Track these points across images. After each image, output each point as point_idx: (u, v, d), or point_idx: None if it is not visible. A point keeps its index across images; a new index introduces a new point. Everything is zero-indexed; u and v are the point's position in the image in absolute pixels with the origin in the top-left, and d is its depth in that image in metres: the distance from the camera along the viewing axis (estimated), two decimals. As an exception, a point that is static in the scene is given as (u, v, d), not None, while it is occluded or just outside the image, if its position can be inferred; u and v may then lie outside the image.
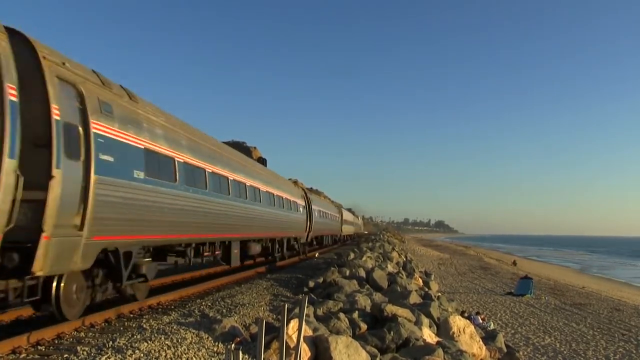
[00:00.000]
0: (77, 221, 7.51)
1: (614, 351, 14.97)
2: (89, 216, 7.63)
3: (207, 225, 12.91)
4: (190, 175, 11.68)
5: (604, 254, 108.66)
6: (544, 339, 16.05)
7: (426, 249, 75.67)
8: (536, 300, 24.57)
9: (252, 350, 6.63)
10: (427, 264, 43.36)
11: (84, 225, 7.59)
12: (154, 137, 10.17)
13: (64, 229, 7.18)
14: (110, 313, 9.14)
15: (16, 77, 6.61)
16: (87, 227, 7.65)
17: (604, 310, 22.72)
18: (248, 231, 16.90)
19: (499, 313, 20.39)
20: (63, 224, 7.14)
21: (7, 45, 6.65)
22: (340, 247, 46.87)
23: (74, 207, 7.42)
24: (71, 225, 7.41)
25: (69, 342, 7.34)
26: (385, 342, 8.43)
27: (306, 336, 7.05)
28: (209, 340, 7.36)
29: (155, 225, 10.01)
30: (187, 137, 12.22)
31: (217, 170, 13.77)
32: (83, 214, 7.57)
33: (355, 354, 7.13)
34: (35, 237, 6.72)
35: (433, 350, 8.09)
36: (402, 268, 22.93)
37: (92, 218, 7.73)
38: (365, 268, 17.29)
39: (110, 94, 8.88)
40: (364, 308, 10.57)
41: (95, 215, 7.79)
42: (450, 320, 10.74)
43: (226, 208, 14.29)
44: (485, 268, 44.62)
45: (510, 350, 12.30)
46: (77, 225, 7.52)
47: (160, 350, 6.55)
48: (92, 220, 7.73)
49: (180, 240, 11.67)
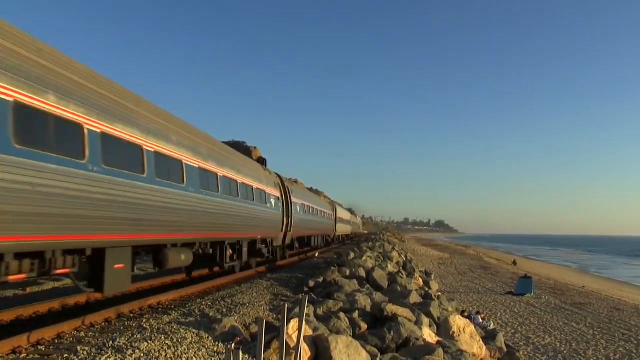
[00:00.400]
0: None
1: (614, 351, 14.96)
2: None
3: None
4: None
5: (603, 254, 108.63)
6: (544, 339, 16.03)
7: (426, 249, 75.65)
8: (536, 300, 24.56)
9: (252, 350, 6.63)
10: (427, 264, 43.34)
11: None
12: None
13: None
14: (111, 312, 9.14)
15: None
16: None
17: (604, 310, 22.71)
18: (155, 231, 10.31)
19: (499, 313, 20.37)
20: None
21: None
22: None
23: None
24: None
25: (69, 341, 7.34)
26: (385, 342, 8.43)
27: (306, 336, 7.04)
28: (209, 340, 7.36)
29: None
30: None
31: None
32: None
33: (356, 354, 7.12)
34: None
35: (433, 350, 8.08)
36: (402, 268, 22.92)
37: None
38: (365, 268, 17.28)
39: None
40: (364, 308, 10.56)
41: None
42: (451, 320, 10.73)
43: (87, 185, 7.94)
44: (485, 268, 44.59)
45: (511, 350, 12.29)
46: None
47: (160, 350, 6.55)
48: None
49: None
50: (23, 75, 6.81)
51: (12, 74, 6.61)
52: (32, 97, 6.89)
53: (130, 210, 9.12)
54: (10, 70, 6.61)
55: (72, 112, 7.68)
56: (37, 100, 6.98)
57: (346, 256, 22.54)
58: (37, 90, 6.99)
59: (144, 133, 9.92)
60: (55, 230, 7.26)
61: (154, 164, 10.11)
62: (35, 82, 7.00)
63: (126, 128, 9.21)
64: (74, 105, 7.74)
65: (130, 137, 9.33)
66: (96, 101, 8.42)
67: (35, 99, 6.95)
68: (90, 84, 8.50)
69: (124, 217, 8.92)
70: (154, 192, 10.00)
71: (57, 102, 7.36)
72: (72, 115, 7.69)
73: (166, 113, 11.94)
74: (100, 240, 8.37)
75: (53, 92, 7.32)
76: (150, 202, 9.85)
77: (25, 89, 6.78)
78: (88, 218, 7.91)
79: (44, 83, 7.19)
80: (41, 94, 7.06)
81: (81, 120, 7.87)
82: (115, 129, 8.83)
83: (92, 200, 7.97)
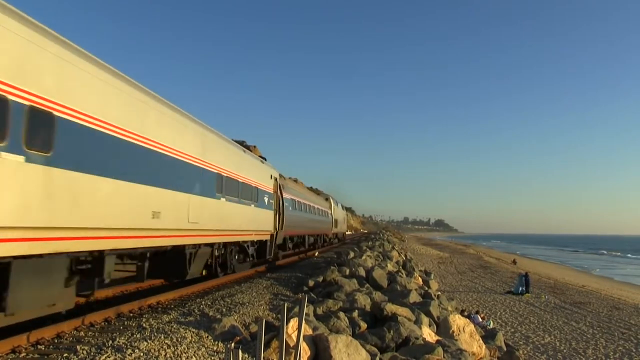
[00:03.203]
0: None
1: (614, 350, 14.97)
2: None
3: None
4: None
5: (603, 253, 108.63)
6: (544, 338, 16.04)
7: (426, 248, 75.62)
8: (536, 299, 24.57)
9: (252, 349, 6.63)
10: (426, 263, 43.33)
11: None
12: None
13: None
14: (110, 312, 9.13)
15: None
16: None
17: (604, 309, 22.72)
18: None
19: (498, 312, 20.38)
20: None
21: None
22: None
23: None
24: None
25: (68, 341, 7.33)
26: (385, 341, 8.43)
27: (306, 335, 7.04)
28: (208, 339, 7.37)
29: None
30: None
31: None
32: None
33: (355, 353, 7.12)
34: None
35: (433, 349, 8.09)
36: (401, 267, 22.92)
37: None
38: (365, 267, 17.28)
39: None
40: (363, 307, 10.57)
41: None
42: (450, 319, 10.74)
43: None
44: (485, 267, 44.59)
45: (510, 349, 12.29)
46: None
47: (160, 350, 6.55)
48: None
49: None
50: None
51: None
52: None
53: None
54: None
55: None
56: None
57: (346, 255, 22.55)
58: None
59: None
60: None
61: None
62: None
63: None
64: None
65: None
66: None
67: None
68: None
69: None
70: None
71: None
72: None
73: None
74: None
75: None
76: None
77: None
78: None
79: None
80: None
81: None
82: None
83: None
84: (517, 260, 57.05)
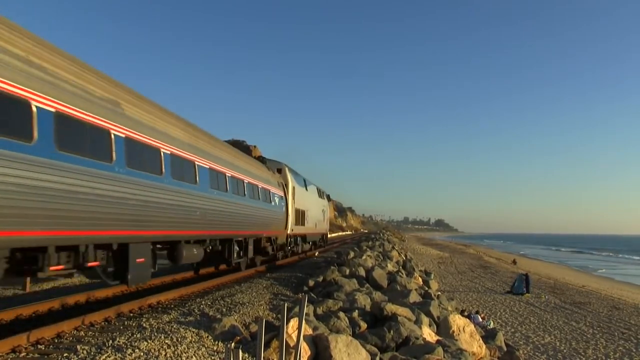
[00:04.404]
0: None
1: (614, 350, 14.97)
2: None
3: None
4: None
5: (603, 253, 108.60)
6: (544, 338, 16.04)
7: (426, 248, 75.65)
8: (536, 299, 24.57)
9: (252, 349, 6.63)
10: (427, 263, 43.33)
11: None
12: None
13: None
14: (110, 312, 9.13)
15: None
16: None
17: (604, 309, 22.72)
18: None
19: (498, 312, 20.38)
20: None
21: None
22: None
23: None
24: None
25: (68, 341, 7.33)
26: (385, 341, 8.43)
27: (306, 335, 7.04)
28: (208, 339, 7.37)
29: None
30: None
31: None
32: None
33: (355, 353, 7.12)
34: None
35: (433, 349, 8.09)
36: (402, 267, 22.92)
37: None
38: (365, 267, 17.28)
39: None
40: (363, 307, 10.57)
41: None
42: (450, 319, 10.74)
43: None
44: (485, 267, 44.59)
45: (510, 349, 12.29)
46: None
47: (160, 349, 6.55)
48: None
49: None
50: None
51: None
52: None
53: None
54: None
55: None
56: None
57: (346, 255, 22.56)
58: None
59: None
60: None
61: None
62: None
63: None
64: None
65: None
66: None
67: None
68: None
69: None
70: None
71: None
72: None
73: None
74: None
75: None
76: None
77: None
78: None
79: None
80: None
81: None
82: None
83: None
84: (517, 260, 57.05)
